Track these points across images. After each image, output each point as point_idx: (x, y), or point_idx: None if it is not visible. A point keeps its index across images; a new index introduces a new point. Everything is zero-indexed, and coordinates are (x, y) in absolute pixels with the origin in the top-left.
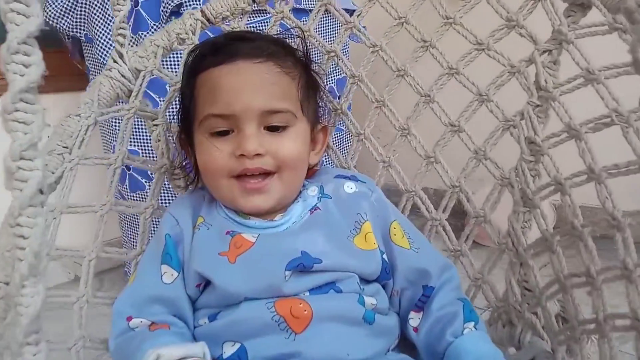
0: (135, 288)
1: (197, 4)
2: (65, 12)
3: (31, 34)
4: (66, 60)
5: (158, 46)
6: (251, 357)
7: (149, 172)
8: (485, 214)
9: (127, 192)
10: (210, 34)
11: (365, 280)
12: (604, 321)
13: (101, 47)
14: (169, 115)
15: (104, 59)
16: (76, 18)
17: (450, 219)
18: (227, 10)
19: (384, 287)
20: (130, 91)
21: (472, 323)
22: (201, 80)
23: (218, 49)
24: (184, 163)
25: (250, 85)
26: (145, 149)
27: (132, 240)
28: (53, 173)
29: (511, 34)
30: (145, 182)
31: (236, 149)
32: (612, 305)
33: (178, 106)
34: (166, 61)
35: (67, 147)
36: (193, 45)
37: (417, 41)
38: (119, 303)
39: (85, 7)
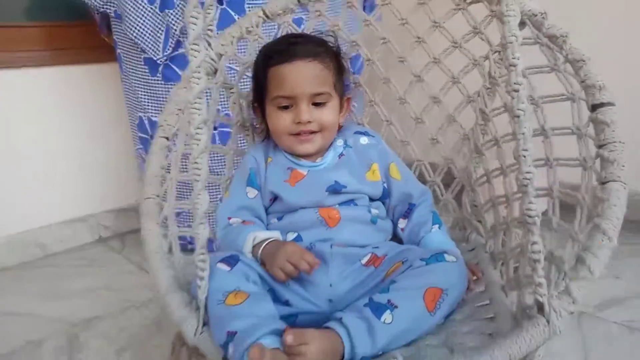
0: (229, 201)
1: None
2: None
3: (200, 66)
4: (94, 34)
5: (234, 37)
6: (304, 240)
7: None
8: (452, 157)
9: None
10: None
11: (371, 199)
12: (510, 222)
13: (129, 23)
14: (241, 85)
15: (131, 33)
16: None
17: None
18: (281, 9)
19: (383, 203)
20: (216, 69)
21: (437, 225)
22: (272, 73)
23: (283, 51)
24: (253, 121)
25: (303, 77)
26: None
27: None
28: (173, 127)
29: (475, 38)
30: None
31: (295, 118)
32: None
33: (250, 82)
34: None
35: (180, 109)
36: (266, 44)
37: (413, 37)
38: (221, 210)
39: None
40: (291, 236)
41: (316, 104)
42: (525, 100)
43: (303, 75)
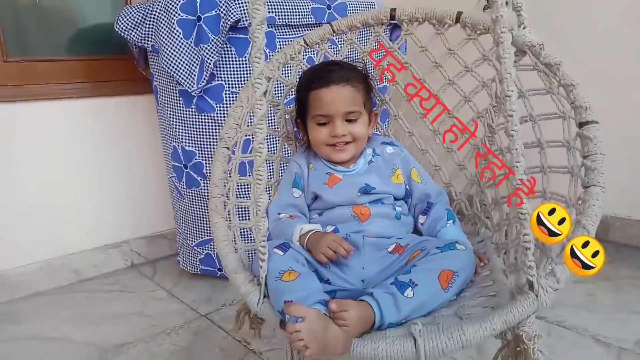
0: (278, 199)
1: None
2: (135, 25)
3: (263, 85)
4: (132, 67)
5: (280, 62)
6: (341, 231)
7: (204, 171)
8: (464, 164)
9: (184, 188)
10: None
11: (396, 199)
12: (511, 218)
13: (166, 57)
14: (285, 104)
15: (167, 67)
16: (145, 30)
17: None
18: (318, 38)
19: (405, 202)
20: (266, 90)
21: (451, 221)
22: (312, 95)
23: (321, 78)
24: (297, 134)
25: (338, 99)
26: (201, 149)
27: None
28: (232, 138)
29: (484, 63)
30: (200, 179)
31: (331, 132)
32: None
33: (294, 104)
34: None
35: (238, 124)
36: (306, 69)
37: (431, 62)
38: (272, 208)
39: (153, 21)
40: (330, 228)
41: (349, 120)
42: (517, 123)
43: (338, 98)
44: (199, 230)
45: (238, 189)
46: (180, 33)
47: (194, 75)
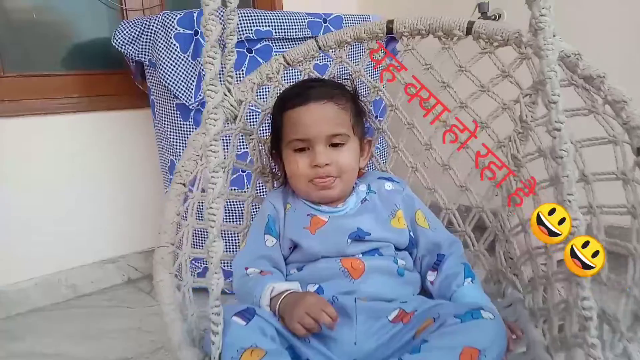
0: (247, 249)
1: (250, 34)
2: (132, 39)
3: (219, 104)
4: (129, 82)
5: (254, 83)
6: (326, 292)
7: None
8: (483, 205)
9: None
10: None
11: (397, 249)
12: (552, 276)
13: (163, 71)
14: (261, 132)
15: (165, 81)
16: (142, 45)
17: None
18: (302, 56)
19: (410, 253)
20: (236, 115)
21: (470, 279)
22: (287, 116)
23: (298, 95)
24: (273, 168)
25: (319, 119)
26: None
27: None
28: (191, 173)
29: (504, 81)
30: None
31: (312, 162)
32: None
33: (269, 129)
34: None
35: (198, 155)
36: (281, 89)
37: (438, 82)
38: (238, 260)
39: (150, 36)
40: (312, 288)
41: (334, 145)
42: (568, 140)
43: (318, 117)
44: (196, 245)
45: (196, 236)
46: (177, 47)
47: (192, 89)
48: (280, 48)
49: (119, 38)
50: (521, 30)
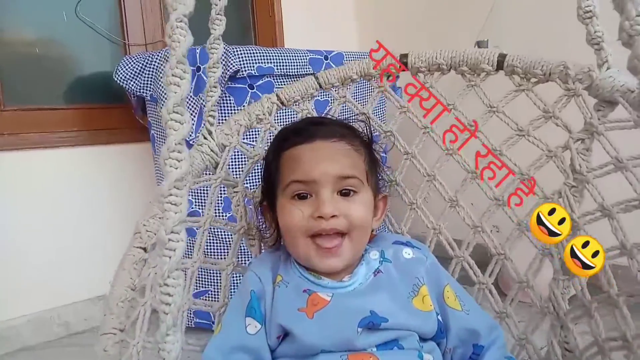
0: (222, 337)
1: (252, 71)
2: (134, 75)
3: (184, 139)
4: (129, 116)
5: (241, 125)
6: None
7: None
8: (528, 279)
9: None
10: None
11: (422, 339)
12: None
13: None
14: (247, 184)
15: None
16: (143, 80)
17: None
18: (298, 95)
19: (438, 344)
20: (217, 163)
21: None
22: (286, 156)
23: (300, 131)
24: (261, 226)
25: (326, 157)
26: (197, 198)
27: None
28: (155, 234)
29: (548, 123)
30: (196, 229)
31: (315, 212)
32: None
33: (257, 181)
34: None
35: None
36: (273, 133)
37: (466, 123)
38: (209, 351)
39: (151, 71)
40: None
41: (342, 193)
42: None
43: (325, 155)
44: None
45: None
46: None
47: (193, 124)
48: (282, 85)
49: (121, 73)
50: (566, 61)
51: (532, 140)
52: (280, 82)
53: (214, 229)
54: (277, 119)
